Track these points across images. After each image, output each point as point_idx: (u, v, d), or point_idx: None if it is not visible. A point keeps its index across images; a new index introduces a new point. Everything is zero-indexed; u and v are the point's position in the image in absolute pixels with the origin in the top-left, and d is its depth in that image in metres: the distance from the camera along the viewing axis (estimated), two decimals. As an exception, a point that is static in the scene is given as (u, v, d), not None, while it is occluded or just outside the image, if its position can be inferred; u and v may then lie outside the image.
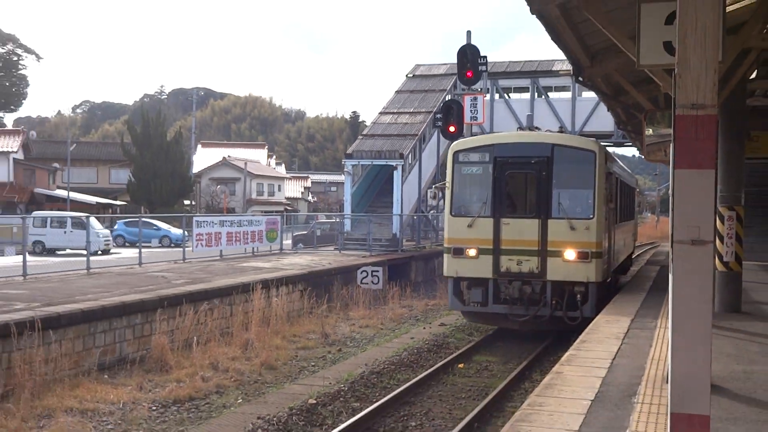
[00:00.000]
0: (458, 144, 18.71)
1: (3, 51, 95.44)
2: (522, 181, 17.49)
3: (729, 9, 11.86)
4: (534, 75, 42.04)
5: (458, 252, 17.69)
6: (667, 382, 4.44)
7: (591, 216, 16.79)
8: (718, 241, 14.49)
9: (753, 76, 15.40)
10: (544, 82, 42.09)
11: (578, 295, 16.64)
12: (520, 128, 20.59)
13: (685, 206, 4.31)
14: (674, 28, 4.41)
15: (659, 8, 7.03)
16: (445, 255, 18.24)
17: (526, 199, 17.38)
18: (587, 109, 39.95)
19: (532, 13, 11.20)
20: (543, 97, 42.36)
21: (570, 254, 16.59)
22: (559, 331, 17.67)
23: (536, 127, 20.63)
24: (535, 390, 9.13)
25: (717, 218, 14.47)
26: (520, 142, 18.15)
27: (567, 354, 11.20)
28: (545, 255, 16.84)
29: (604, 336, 12.55)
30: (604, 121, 35.74)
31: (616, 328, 13.33)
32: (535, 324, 17.31)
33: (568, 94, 41.89)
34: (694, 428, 4.25)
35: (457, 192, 18.21)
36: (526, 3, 10.90)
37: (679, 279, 4.28)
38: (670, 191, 4.48)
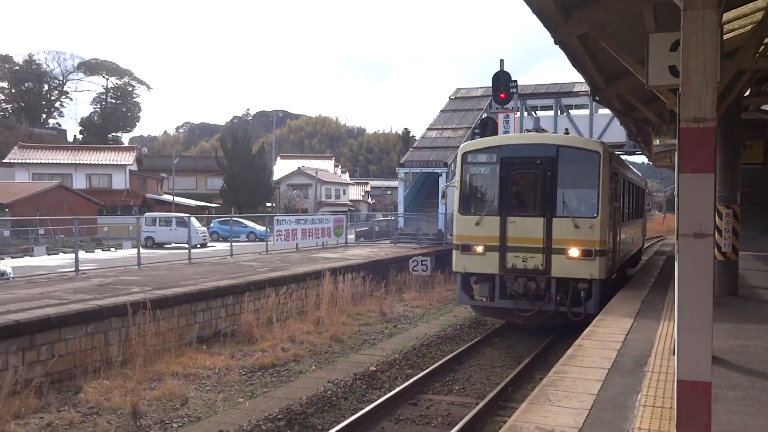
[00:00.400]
0: (467, 145, 16.58)
1: (120, 83, 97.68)
2: (528, 180, 15.32)
3: (726, 36, 11.72)
4: (557, 95, 41.59)
5: (466, 249, 15.57)
6: (673, 354, 4.36)
7: (595, 215, 14.54)
8: (717, 234, 14.32)
9: (747, 93, 15.36)
10: (566, 101, 41.67)
11: (582, 292, 14.58)
12: (528, 131, 17.75)
13: (688, 205, 4.26)
14: (678, 54, 4.36)
15: (665, 37, 6.97)
16: (454, 251, 15.98)
17: (532, 198, 15.21)
18: (603, 124, 39.40)
19: (556, 43, 11.10)
20: (565, 114, 41.88)
21: (574, 252, 14.45)
22: (563, 326, 15.52)
23: (543, 130, 18.13)
24: (559, 360, 9.04)
25: (716, 215, 14.31)
26: (526, 143, 15.87)
27: (587, 330, 11.07)
28: (550, 252, 14.73)
29: (618, 315, 12.39)
30: (618, 133, 35.29)
31: (629, 308, 13.16)
32: (540, 319, 15.30)
33: (586, 111, 41.33)
34: (697, 393, 4.19)
35: (465, 191, 16.13)
36: (550, 35, 10.82)
37: (683, 267, 4.24)
38: (675, 192, 4.41)
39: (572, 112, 42.65)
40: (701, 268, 4.21)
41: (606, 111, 32.20)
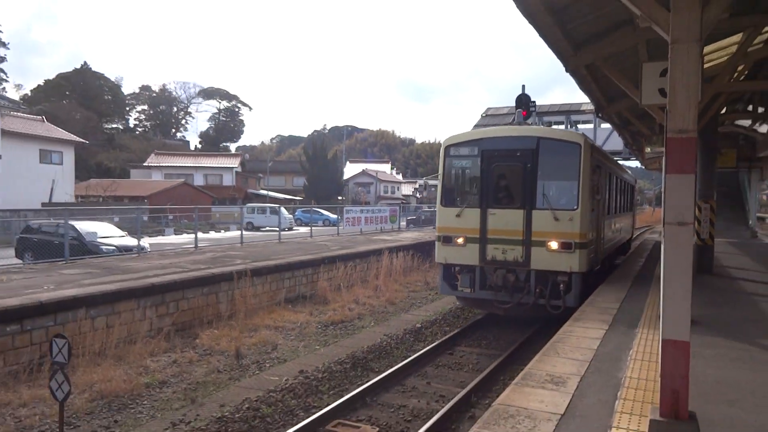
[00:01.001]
0: (450, 139, 13.20)
1: (229, 105, 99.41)
2: (508, 173, 12.29)
3: (706, 65, 11.41)
4: (567, 113, 40.66)
5: (447, 240, 12.52)
6: (659, 319, 4.23)
7: (575, 207, 11.50)
8: (697, 224, 13.94)
9: (723, 111, 14.93)
10: (574, 117, 40.69)
11: (561, 285, 11.56)
12: (510, 124, 13.14)
13: (673, 199, 4.14)
14: (666, 79, 4.23)
15: (656, 66, 6.80)
16: (436, 243, 12.87)
17: (512, 190, 12.18)
18: (604, 135, 38.42)
19: (567, 71, 10.87)
20: (574, 127, 41.00)
21: (554, 244, 11.52)
22: (544, 318, 12.43)
23: (526, 123, 14.33)
24: (566, 322, 8.87)
25: (696, 208, 13.93)
26: (507, 136, 12.56)
27: (589, 298, 10.83)
28: (530, 244, 11.77)
29: (615, 288, 12.09)
30: (617, 143, 34.32)
31: (622, 284, 12.83)
32: (519, 311, 12.20)
33: (590, 125, 40.41)
34: (678, 350, 4.09)
35: (447, 184, 12.99)
36: (563, 65, 10.61)
37: (668, 248, 4.13)
38: (662, 190, 4.27)
39: (579, 126, 41.69)
40: (683, 250, 4.10)
41: (607, 125, 31.44)
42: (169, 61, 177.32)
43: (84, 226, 17.86)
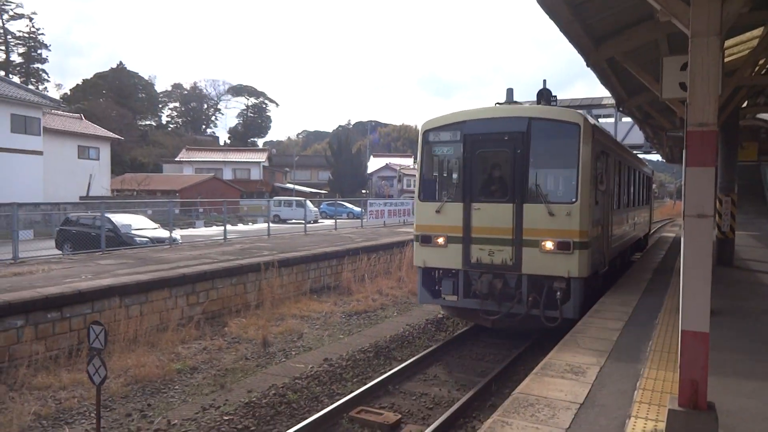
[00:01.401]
0: (429, 122, 10.91)
1: (257, 102, 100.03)
2: (495, 160, 10.24)
3: (727, 59, 11.18)
4: (589, 107, 39.99)
5: (426, 240, 10.57)
6: (678, 310, 4.17)
7: (573, 200, 9.41)
8: (718, 217, 13.71)
9: (744, 104, 14.62)
10: (595, 111, 40.10)
11: (558, 292, 9.47)
12: (499, 104, 11.45)
13: (693, 192, 4.07)
14: (687, 73, 4.14)
15: (676, 60, 6.70)
16: (414, 243, 10.90)
17: (500, 181, 10.11)
18: (625, 129, 37.84)
19: (588, 66, 10.73)
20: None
21: (548, 244, 9.47)
22: (540, 331, 10.27)
23: (516, 102, 11.61)
24: (588, 312, 8.77)
25: (717, 202, 13.70)
26: (493, 117, 10.28)
27: (610, 290, 10.69)
28: (520, 245, 9.73)
29: (636, 281, 11.92)
30: (637, 137, 33.80)
31: (646, 274, 12.65)
32: (509, 323, 10.15)
33: (611, 120, 39.82)
34: (697, 341, 4.02)
35: (426, 174, 10.97)
36: (584, 60, 10.47)
37: (688, 240, 4.06)
38: (683, 182, 4.19)
39: (600, 120, 41.10)
40: (703, 242, 4.03)
41: (628, 119, 30.97)
42: (200, 60, 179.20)
43: (119, 218, 18.19)
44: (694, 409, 3.99)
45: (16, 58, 70.18)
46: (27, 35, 70.00)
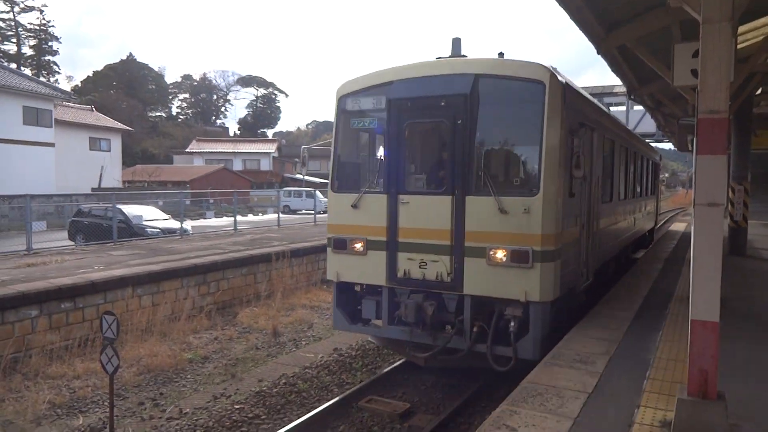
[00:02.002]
0: (346, 85, 8.06)
1: (267, 92, 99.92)
2: (429, 135, 7.73)
3: (741, 45, 11.01)
4: (600, 95, 39.67)
5: (340, 245, 7.78)
6: (689, 300, 4.15)
7: (535, 190, 6.68)
8: (730, 206, 13.59)
9: (758, 92, 14.43)
10: (606, 99, 39.78)
11: (511, 322, 6.78)
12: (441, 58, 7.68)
13: (704, 180, 4.04)
14: (698, 60, 4.09)
15: (688, 47, 6.64)
16: (328, 249, 8.03)
17: (435, 164, 7.54)
18: (637, 117, 37.50)
19: (599, 53, 10.62)
20: (606, 110, 40.16)
21: (499, 253, 6.75)
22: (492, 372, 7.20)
23: (463, 56, 7.78)
24: (599, 301, 8.73)
25: (729, 190, 13.59)
26: (427, 76, 7.38)
27: (621, 281, 10.64)
28: (461, 253, 6.97)
29: (646, 270, 11.87)
30: (649, 125, 33.54)
31: (658, 264, 12.59)
32: (447, 361, 7.33)
33: (623, 108, 39.50)
34: (707, 330, 4.00)
35: (342, 156, 8.19)
36: (594, 47, 10.37)
37: (699, 229, 4.04)
38: (693, 170, 4.16)
39: (612, 108, 40.78)
40: (713, 230, 4.00)
41: (639, 107, 30.73)
42: (209, 51, 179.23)
43: (131, 209, 18.33)
44: (704, 399, 3.97)
45: (27, 50, 70.67)
46: (38, 27, 70.37)
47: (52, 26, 74.54)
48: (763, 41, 10.13)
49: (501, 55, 7.41)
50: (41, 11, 71.67)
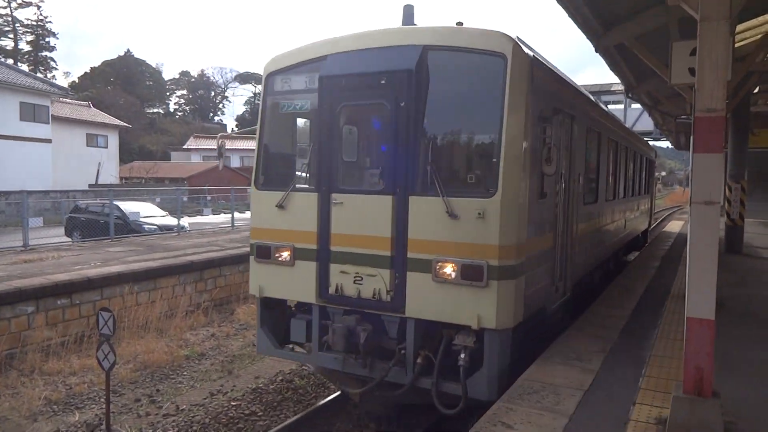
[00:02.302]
0: (275, 60, 6.72)
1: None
2: (368, 122, 6.39)
3: (739, 44, 11.05)
4: (598, 93, 39.60)
5: (264, 253, 6.51)
6: (685, 297, 4.16)
7: (492, 190, 5.29)
8: (727, 204, 13.62)
9: (756, 90, 14.47)
10: (605, 98, 39.85)
11: (462, 353, 5.40)
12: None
13: (700, 178, 4.05)
14: (696, 59, 4.10)
15: (685, 45, 6.70)
16: (250, 257, 6.69)
17: (373, 156, 6.41)
18: (635, 116, 37.66)
19: (597, 51, 10.64)
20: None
21: (447, 268, 5.41)
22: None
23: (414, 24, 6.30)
24: (595, 301, 8.74)
25: (726, 188, 13.62)
26: (369, 49, 5.92)
27: (618, 278, 10.66)
28: (403, 266, 5.65)
29: (644, 264, 11.88)
30: (647, 123, 33.68)
31: (654, 261, 12.61)
32: (386, 398, 6.23)
33: (621, 106, 39.63)
34: (703, 328, 4.01)
35: (270, 146, 6.87)
36: (592, 45, 10.39)
37: (695, 227, 4.05)
38: (690, 168, 4.17)
39: (610, 106, 40.89)
40: (710, 229, 4.01)
41: (637, 105, 30.84)
42: (207, 48, 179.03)
43: (128, 206, 18.31)
44: (699, 397, 3.99)
45: (24, 46, 70.50)
46: (35, 23, 70.18)
47: (50, 22, 74.41)
48: (761, 40, 10.16)
49: (460, 24, 5.91)
50: (38, 7, 71.36)
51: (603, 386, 5.17)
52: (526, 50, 5.61)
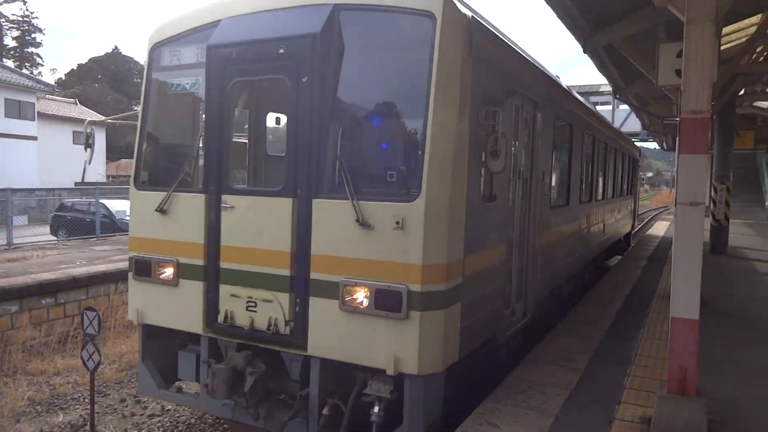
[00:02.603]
0: (161, 29, 5.29)
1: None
2: (265, 102, 5.73)
3: (725, 46, 11.19)
4: (587, 94, 39.96)
5: (143, 269, 5.17)
6: (669, 298, 4.19)
7: (414, 192, 3.94)
8: (712, 205, 13.75)
9: (741, 92, 14.66)
10: (593, 98, 40.18)
11: (375, 405, 4.14)
12: None
13: (686, 179, 4.09)
14: (682, 60, 4.14)
15: (672, 46, 6.76)
16: (129, 274, 5.37)
17: (270, 148, 5.89)
18: (623, 117, 37.97)
19: (585, 53, 10.72)
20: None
21: (358, 294, 4.10)
22: None
23: None
24: (580, 301, 8.80)
25: (711, 189, 13.75)
26: (267, 11, 4.53)
27: (603, 279, 10.74)
28: (305, 289, 4.35)
29: (629, 265, 11.96)
30: (635, 124, 33.93)
31: (640, 262, 12.69)
32: None
33: (609, 107, 39.95)
34: (687, 328, 4.05)
35: (154, 135, 5.42)
36: (581, 46, 10.45)
37: (680, 227, 4.09)
38: (675, 169, 4.21)
39: (598, 107, 41.19)
40: (694, 229, 4.05)
41: (625, 106, 31.09)
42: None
43: (114, 204, 18.15)
44: (683, 396, 4.02)
45: (9, 41, 69.62)
46: (21, 19, 69.33)
47: (36, 18, 73.68)
48: (747, 42, 10.27)
49: None
50: (24, 2, 70.63)
51: (589, 386, 5.20)
52: (463, 9, 4.35)
